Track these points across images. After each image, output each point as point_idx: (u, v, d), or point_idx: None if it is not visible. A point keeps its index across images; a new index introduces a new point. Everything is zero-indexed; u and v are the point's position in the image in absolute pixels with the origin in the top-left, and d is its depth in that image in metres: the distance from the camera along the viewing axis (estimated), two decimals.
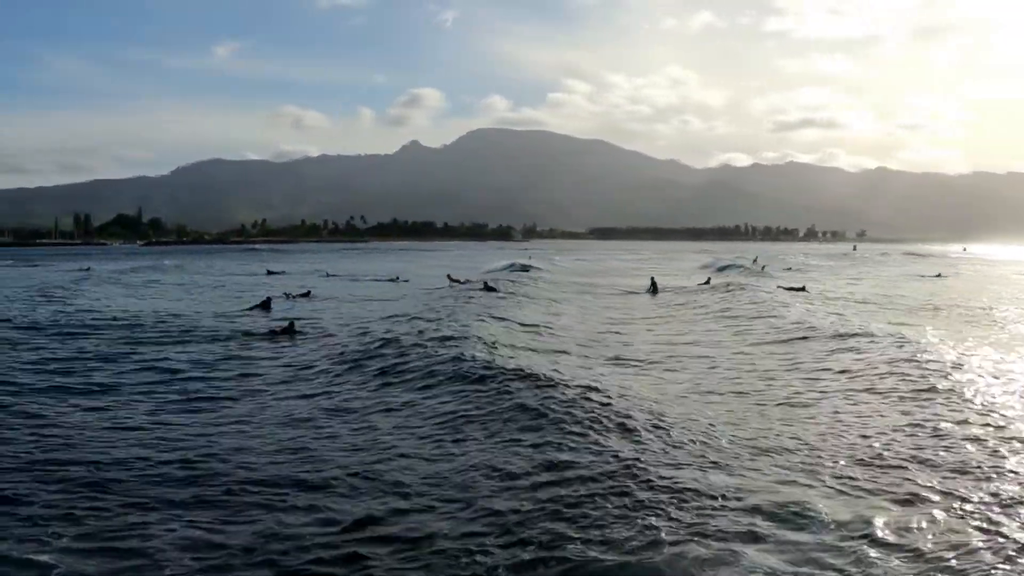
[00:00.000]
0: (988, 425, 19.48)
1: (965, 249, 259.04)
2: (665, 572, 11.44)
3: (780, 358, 30.82)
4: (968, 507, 13.67)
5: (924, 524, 12.94)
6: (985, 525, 12.89)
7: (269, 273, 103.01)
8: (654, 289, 67.83)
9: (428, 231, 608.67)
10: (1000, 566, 11.43)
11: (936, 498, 14.24)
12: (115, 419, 21.80)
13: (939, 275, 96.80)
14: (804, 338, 35.23)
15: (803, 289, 65.19)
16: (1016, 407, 21.38)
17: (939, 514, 13.36)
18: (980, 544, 12.14)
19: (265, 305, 52.69)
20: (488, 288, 62.10)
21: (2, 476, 16.33)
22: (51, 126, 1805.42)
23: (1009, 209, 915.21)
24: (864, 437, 18.65)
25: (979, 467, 16.07)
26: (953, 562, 11.59)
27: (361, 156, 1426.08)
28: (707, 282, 73.63)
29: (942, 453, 17.13)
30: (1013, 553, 11.79)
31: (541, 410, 20.49)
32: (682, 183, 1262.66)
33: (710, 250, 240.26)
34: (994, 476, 15.47)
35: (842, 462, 16.62)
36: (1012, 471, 15.76)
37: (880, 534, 12.50)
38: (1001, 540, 12.27)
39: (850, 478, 15.49)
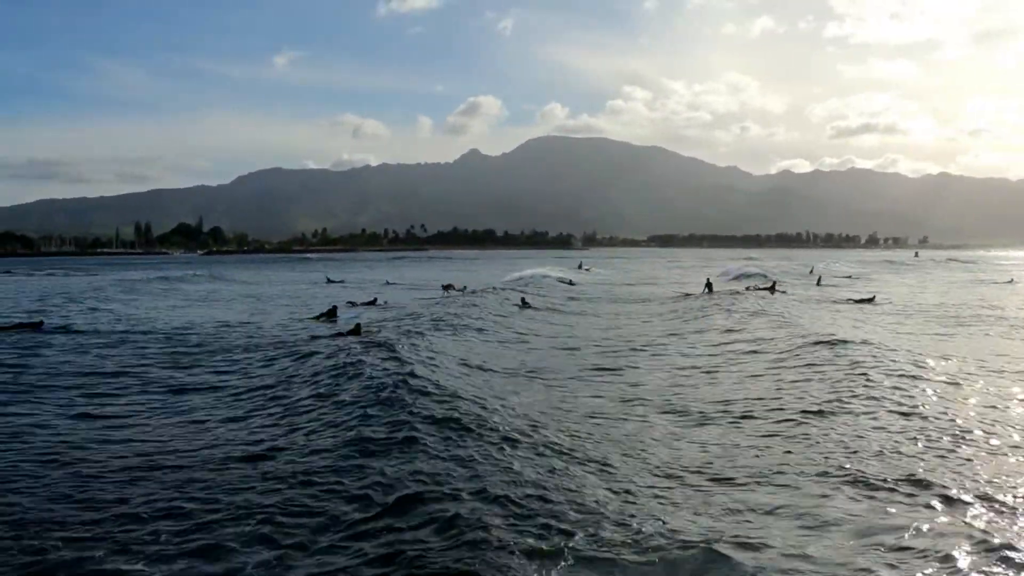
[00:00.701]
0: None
1: None
2: None
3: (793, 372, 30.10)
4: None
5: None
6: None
7: (329, 281, 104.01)
8: (709, 289, 72.18)
9: (488, 239, 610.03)
10: None
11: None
12: (193, 420, 22.70)
13: (1011, 281, 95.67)
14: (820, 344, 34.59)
15: (872, 300, 64.91)
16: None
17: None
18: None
19: (331, 313, 53.25)
20: (524, 304, 60.53)
21: (90, 482, 16.89)
22: (112, 136, 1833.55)
23: None
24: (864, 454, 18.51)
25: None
26: None
27: (421, 165, 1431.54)
28: (772, 288, 74.24)
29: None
30: None
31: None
32: (742, 190, 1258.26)
33: (764, 257, 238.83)
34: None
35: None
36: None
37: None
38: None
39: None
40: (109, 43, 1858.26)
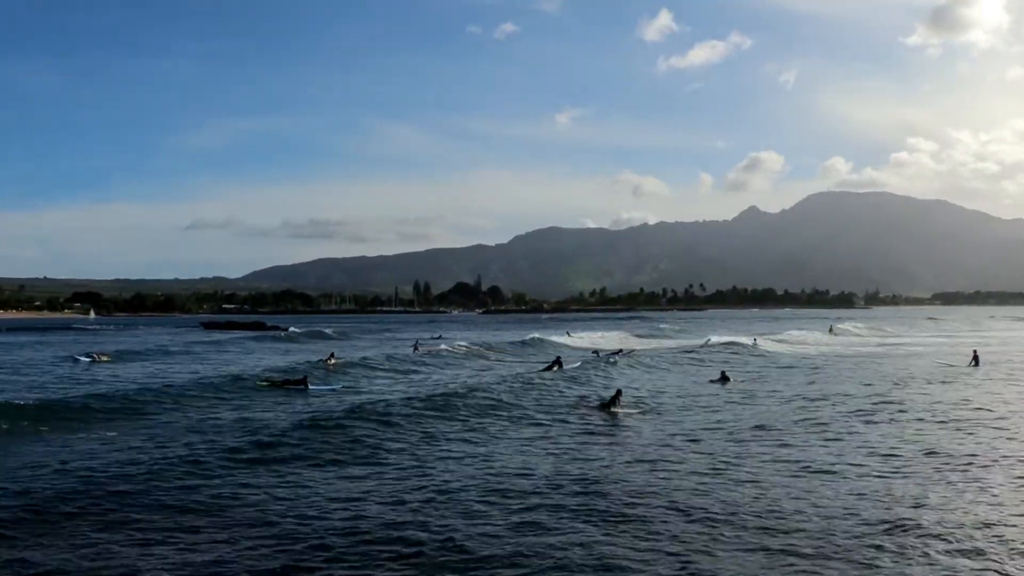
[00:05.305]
0: None
1: None
2: None
3: None
4: None
5: None
6: None
7: (568, 334, 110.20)
8: (976, 362, 66.67)
9: (768, 298, 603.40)
10: None
11: None
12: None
13: None
14: None
15: None
16: None
17: None
18: None
19: (558, 364, 58.95)
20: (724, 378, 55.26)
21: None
22: (392, 197, 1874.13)
23: None
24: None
25: None
26: None
27: (699, 222, 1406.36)
28: None
29: None
30: None
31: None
32: None
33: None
34: None
35: None
36: None
37: None
38: None
39: None
40: (391, 107, 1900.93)
